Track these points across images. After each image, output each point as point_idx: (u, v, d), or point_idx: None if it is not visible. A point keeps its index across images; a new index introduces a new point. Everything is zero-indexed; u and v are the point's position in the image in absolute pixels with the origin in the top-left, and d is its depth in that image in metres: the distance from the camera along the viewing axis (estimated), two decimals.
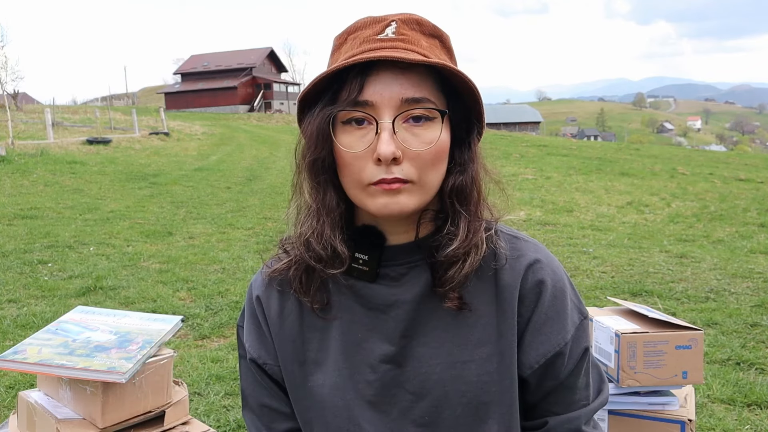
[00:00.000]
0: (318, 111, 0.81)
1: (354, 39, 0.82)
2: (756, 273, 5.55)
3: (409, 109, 0.78)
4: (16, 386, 3.15)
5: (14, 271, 5.41)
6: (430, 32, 0.83)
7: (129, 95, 75.95)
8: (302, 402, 0.92)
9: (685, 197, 11.45)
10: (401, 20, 0.81)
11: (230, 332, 4.06)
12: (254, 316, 0.96)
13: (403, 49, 0.78)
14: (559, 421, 0.89)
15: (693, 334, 1.59)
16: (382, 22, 0.82)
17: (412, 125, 0.79)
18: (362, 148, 0.79)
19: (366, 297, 0.88)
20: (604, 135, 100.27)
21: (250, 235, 7.23)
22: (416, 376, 0.86)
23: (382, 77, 0.78)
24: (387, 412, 0.87)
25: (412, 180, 0.79)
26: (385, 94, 0.77)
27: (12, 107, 25.64)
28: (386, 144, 0.76)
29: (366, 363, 0.87)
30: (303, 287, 0.90)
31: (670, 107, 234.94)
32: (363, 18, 0.84)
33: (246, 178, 12.86)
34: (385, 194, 0.79)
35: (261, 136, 26.43)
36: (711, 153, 28.11)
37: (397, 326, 0.87)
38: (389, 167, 0.78)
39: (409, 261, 0.87)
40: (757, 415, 2.93)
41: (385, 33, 0.80)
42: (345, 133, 0.80)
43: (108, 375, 1.35)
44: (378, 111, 0.78)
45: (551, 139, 29.78)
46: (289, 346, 0.92)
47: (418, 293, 0.86)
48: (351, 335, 0.89)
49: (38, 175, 11.53)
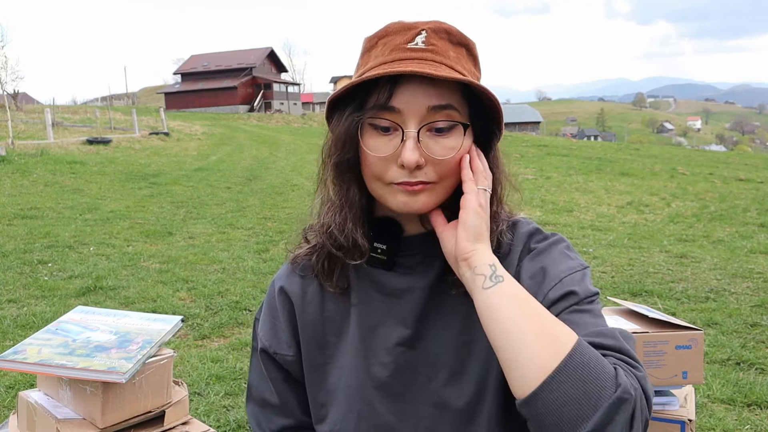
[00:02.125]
0: (347, 115, 0.85)
1: (385, 45, 0.85)
2: (756, 273, 5.56)
3: (434, 119, 0.82)
4: (16, 386, 3.15)
5: (14, 271, 5.41)
6: (458, 41, 0.86)
7: (129, 95, 75.97)
8: (319, 384, 0.96)
9: (685, 197, 11.46)
10: (431, 29, 0.85)
11: (230, 332, 4.06)
12: (273, 308, 1.00)
13: (432, 61, 0.81)
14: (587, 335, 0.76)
15: (693, 334, 1.59)
16: (412, 30, 0.85)
17: (435, 134, 0.83)
18: (388, 153, 0.83)
19: (383, 284, 0.93)
20: (604, 135, 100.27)
21: (250, 235, 7.23)
22: (427, 357, 0.90)
23: (411, 87, 0.81)
24: (400, 393, 0.91)
25: (434, 181, 0.84)
26: (413, 102, 0.81)
27: (12, 107, 25.64)
28: (410, 151, 0.80)
29: (382, 346, 0.92)
30: (325, 272, 0.95)
31: (670, 107, 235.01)
32: (394, 23, 0.87)
33: (246, 178, 12.87)
34: (406, 194, 0.84)
35: (261, 136, 26.45)
36: (711, 153, 28.13)
37: (412, 310, 0.91)
38: (413, 172, 0.82)
39: (423, 251, 0.92)
40: (757, 415, 2.93)
41: (415, 42, 0.83)
42: (371, 137, 0.84)
43: (108, 375, 1.35)
44: (404, 118, 0.82)
45: (551, 139, 29.80)
46: (309, 329, 0.97)
47: (431, 281, 0.91)
48: (368, 319, 0.93)
49: (38, 175, 11.54)
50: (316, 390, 0.96)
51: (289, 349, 0.98)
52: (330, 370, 0.95)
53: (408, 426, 0.90)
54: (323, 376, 0.95)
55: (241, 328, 4.13)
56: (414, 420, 0.90)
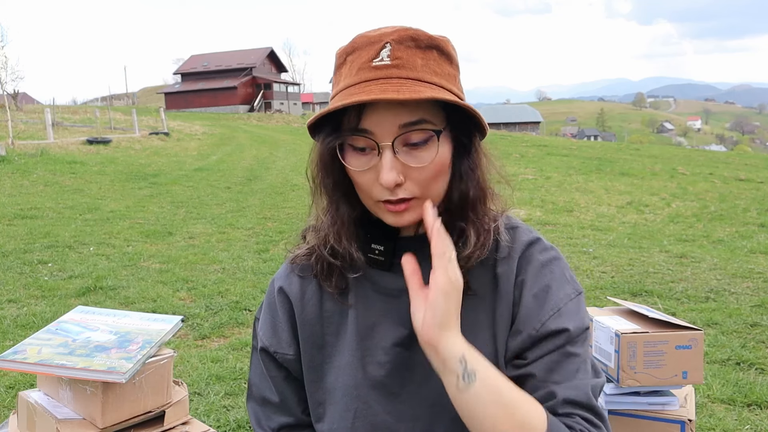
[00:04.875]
0: (324, 137, 0.87)
1: (352, 62, 0.85)
2: (756, 273, 5.56)
3: (407, 132, 0.82)
4: (16, 386, 3.15)
5: (14, 271, 5.41)
6: (426, 45, 0.84)
7: (129, 95, 75.95)
8: (317, 383, 0.97)
9: (685, 197, 11.46)
10: (395, 41, 0.83)
11: (230, 332, 4.06)
12: (272, 308, 1.01)
13: (397, 78, 0.81)
14: (566, 387, 0.87)
15: (693, 334, 1.59)
16: (377, 44, 0.83)
17: (412, 149, 0.84)
18: (368, 172, 0.85)
19: (381, 284, 0.94)
20: (604, 135, 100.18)
21: (250, 235, 7.23)
22: (424, 358, 0.89)
23: (379, 109, 0.82)
24: (396, 393, 0.91)
25: (416, 196, 0.85)
26: (383, 124, 0.82)
27: (12, 107, 25.64)
28: (387, 171, 0.82)
29: (379, 345, 0.92)
30: (324, 273, 0.96)
31: (670, 107, 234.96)
32: (360, 36, 0.86)
33: (246, 178, 12.87)
34: (391, 214, 0.86)
35: (261, 136, 26.44)
36: (711, 153, 28.13)
37: (409, 310, 0.90)
38: (393, 190, 0.84)
39: (420, 252, 0.91)
40: (757, 415, 2.93)
41: (380, 57, 0.82)
42: (353, 156, 0.86)
43: (108, 375, 1.35)
44: (378, 137, 0.83)
45: (551, 139, 29.80)
46: (308, 329, 0.98)
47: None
48: (366, 319, 0.94)
49: (38, 175, 11.54)
50: (314, 389, 0.97)
51: (289, 348, 0.98)
52: (328, 369, 0.96)
53: (405, 425, 0.90)
54: (321, 375, 0.96)
55: (241, 328, 4.13)
56: (411, 420, 0.90)
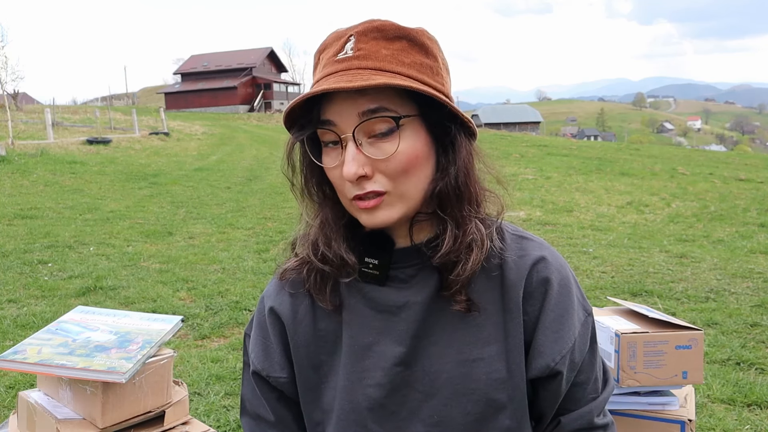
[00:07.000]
0: (292, 134, 0.86)
1: (322, 59, 0.84)
2: (756, 273, 5.56)
3: (366, 120, 0.79)
4: (16, 386, 3.15)
5: (14, 271, 5.41)
6: (394, 35, 0.82)
7: (129, 95, 75.90)
8: (314, 403, 0.93)
9: (685, 197, 11.45)
10: (360, 33, 0.81)
11: (230, 332, 4.06)
12: (263, 328, 0.97)
13: (356, 68, 0.79)
14: (572, 418, 0.91)
15: (693, 334, 1.59)
16: (343, 38, 0.82)
17: (377, 140, 0.80)
18: (338, 168, 0.82)
19: (376, 300, 0.89)
20: (604, 135, 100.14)
21: (250, 235, 7.23)
22: (426, 375, 0.87)
23: (338, 99, 0.80)
24: (396, 413, 0.88)
25: (387, 191, 0.81)
26: (343, 114, 0.80)
27: (12, 107, 25.61)
28: (349, 164, 0.79)
29: (378, 366, 0.88)
30: (317, 286, 0.91)
31: (670, 107, 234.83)
32: (331, 33, 0.85)
33: (246, 178, 12.86)
34: (363, 211, 0.82)
35: (261, 136, 26.43)
36: (711, 153, 28.11)
37: (408, 327, 0.88)
38: (360, 184, 0.80)
39: (417, 263, 0.88)
40: (757, 415, 2.93)
41: (344, 51, 0.81)
42: (326, 155, 0.84)
43: (108, 375, 1.35)
44: (340, 129, 0.81)
45: (551, 139, 29.78)
46: (303, 351, 0.93)
47: (429, 294, 0.87)
48: (360, 339, 0.89)
49: (38, 175, 11.53)
50: (311, 408, 0.94)
51: (282, 371, 0.95)
52: (325, 389, 0.92)
53: None
54: (318, 395, 0.93)
55: (241, 328, 4.13)
56: None
